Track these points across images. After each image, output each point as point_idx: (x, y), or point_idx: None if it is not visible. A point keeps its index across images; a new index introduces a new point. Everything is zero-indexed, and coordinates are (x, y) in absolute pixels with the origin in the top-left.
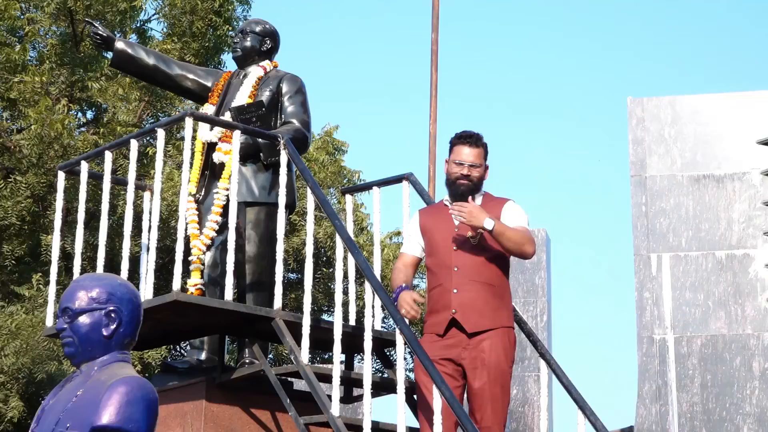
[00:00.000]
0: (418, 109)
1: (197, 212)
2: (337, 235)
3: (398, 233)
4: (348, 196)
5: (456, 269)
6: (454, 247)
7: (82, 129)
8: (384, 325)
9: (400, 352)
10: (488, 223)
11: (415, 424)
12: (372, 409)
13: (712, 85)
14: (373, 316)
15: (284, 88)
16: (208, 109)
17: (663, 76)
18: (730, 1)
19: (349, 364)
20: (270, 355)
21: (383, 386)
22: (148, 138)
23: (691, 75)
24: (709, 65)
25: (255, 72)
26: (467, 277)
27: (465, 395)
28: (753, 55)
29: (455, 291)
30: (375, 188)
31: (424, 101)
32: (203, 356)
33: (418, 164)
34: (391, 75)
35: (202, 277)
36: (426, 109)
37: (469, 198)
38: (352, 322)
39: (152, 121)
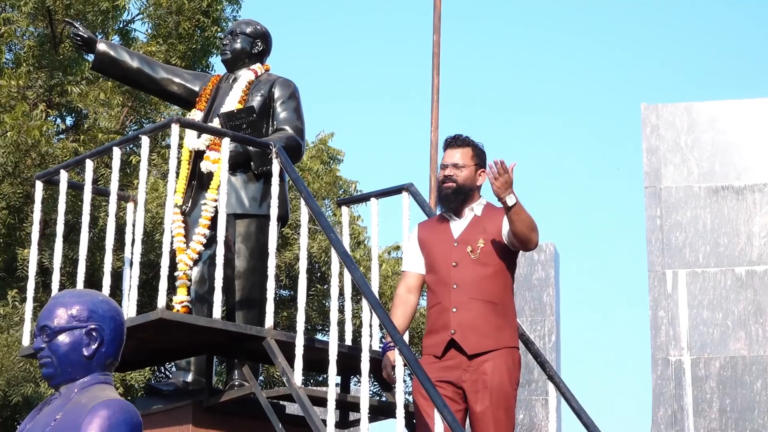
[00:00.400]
0: (418, 115)
1: (184, 225)
2: (332, 249)
3: (397, 247)
4: (344, 208)
5: (455, 287)
6: (453, 263)
7: (62, 136)
8: (382, 345)
9: (400, 373)
10: (510, 199)
11: None
12: None
13: (731, 90)
14: (371, 336)
15: (276, 92)
16: (196, 115)
17: (679, 81)
18: (748, 5)
19: (345, 386)
20: (261, 377)
21: (381, 410)
22: (131, 146)
23: (709, 80)
24: (728, 70)
25: (245, 76)
26: (467, 294)
27: (467, 420)
28: None
29: (454, 310)
30: (373, 200)
31: (425, 107)
32: (190, 378)
33: (419, 174)
34: (390, 79)
35: (188, 294)
36: (427, 115)
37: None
38: (348, 341)
39: (136, 127)
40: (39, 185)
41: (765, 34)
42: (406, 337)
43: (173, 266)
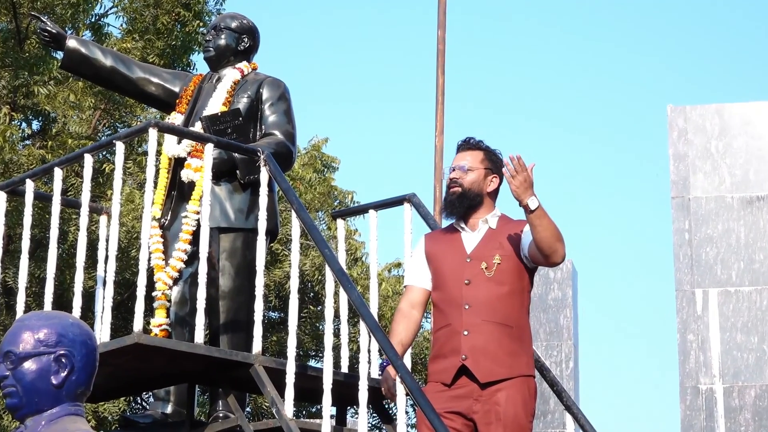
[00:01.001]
0: (421, 118)
1: (162, 240)
2: (326, 266)
3: (398, 265)
4: (339, 221)
5: (467, 307)
6: (466, 281)
7: (27, 142)
8: (382, 363)
9: (401, 404)
10: (532, 202)
11: None
12: None
13: (766, 91)
14: (369, 362)
15: (264, 93)
16: (176, 118)
17: (709, 80)
18: None
19: (340, 418)
20: (248, 408)
21: None
22: (104, 152)
23: (742, 79)
24: (763, 68)
25: (230, 75)
26: (480, 316)
27: None
28: None
29: (466, 333)
30: (371, 212)
31: (429, 109)
32: (169, 409)
33: (422, 184)
34: (390, 78)
35: (167, 316)
36: (431, 118)
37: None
38: (344, 369)
39: (109, 132)
40: (2, 196)
41: None
42: (407, 362)
43: (151, 286)
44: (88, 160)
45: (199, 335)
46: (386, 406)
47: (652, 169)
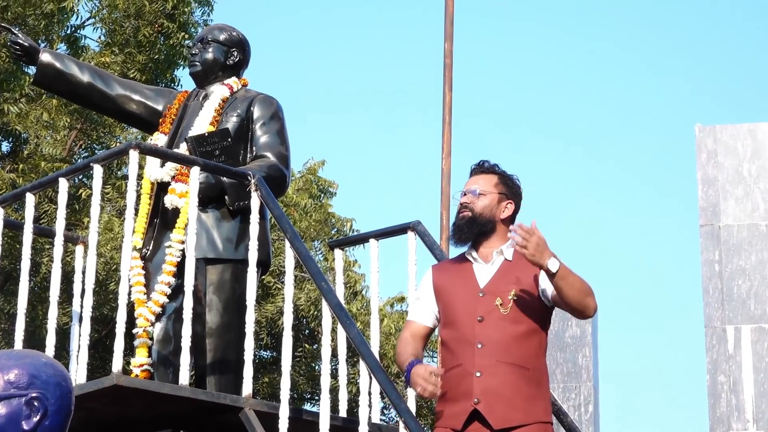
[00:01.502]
0: (427, 139)
1: (144, 272)
2: (323, 301)
3: (402, 299)
4: (337, 252)
5: (480, 346)
6: (479, 318)
7: None
8: (384, 417)
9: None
10: (553, 264)
11: None
12: None
13: None
14: (370, 406)
15: (256, 112)
16: (159, 139)
17: (739, 98)
18: None
19: None
20: None
21: None
22: (81, 176)
23: None
24: None
25: (218, 92)
26: (494, 356)
27: None
28: None
29: (478, 374)
30: (372, 241)
31: (435, 129)
32: None
33: (428, 210)
34: (393, 95)
35: (149, 356)
36: (437, 139)
37: (529, 226)
38: (342, 413)
39: (86, 154)
40: None
41: None
42: (411, 406)
43: (131, 322)
44: (63, 184)
45: (184, 376)
46: None
47: (679, 195)
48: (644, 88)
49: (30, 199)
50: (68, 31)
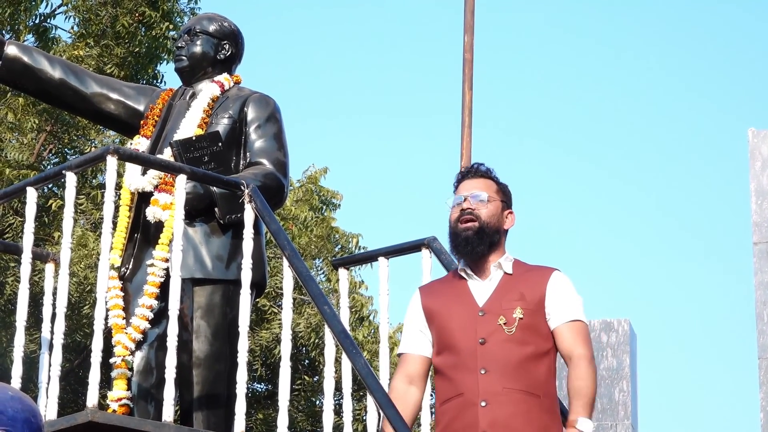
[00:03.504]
0: (443, 144)
1: (123, 294)
2: (325, 327)
3: None
4: (342, 271)
5: (484, 372)
6: (480, 340)
7: None
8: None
9: None
10: (586, 426)
11: None
12: None
13: None
14: None
15: (250, 113)
16: (141, 143)
17: None
18: None
19: None
20: None
21: None
22: (51, 185)
23: None
24: None
25: (208, 90)
26: (500, 383)
27: None
28: None
29: (484, 404)
30: (381, 259)
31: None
32: None
33: (444, 225)
34: (405, 94)
35: (129, 388)
36: (455, 144)
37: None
38: None
39: (57, 160)
40: None
41: None
42: None
43: (108, 350)
44: (31, 194)
45: (168, 412)
46: None
47: (729, 208)
48: (691, 89)
49: None
50: (37, 21)
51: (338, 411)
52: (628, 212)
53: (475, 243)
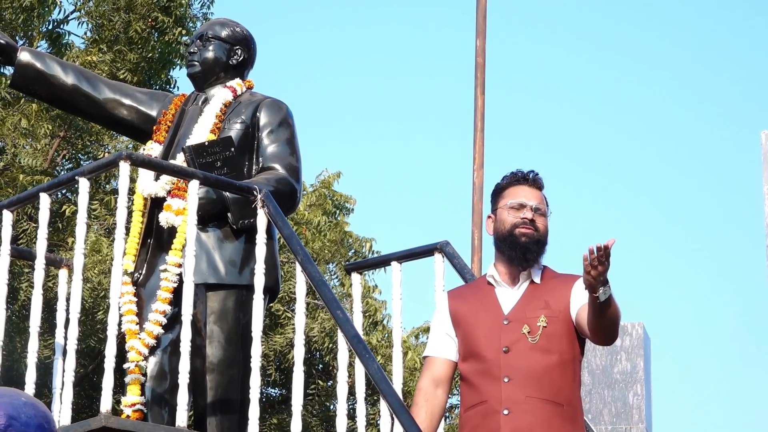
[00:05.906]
0: (456, 148)
1: (136, 299)
2: (338, 331)
3: (428, 329)
4: (355, 276)
5: (507, 380)
6: (504, 348)
7: None
8: None
9: None
10: (605, 292)
11: None
12: None
13: None
14: None
15: (262, 118)
16: (153, 149)
17: None
18: None
19: None
20: None
21: None
22: (65, 191)
23: None
24: None
25: (220, 96)
26: (524, 392)
27: None
28: None
29: (506, 412)
30: (394, 264)
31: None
32: None
33: (457, 229)
34: (417, 99)
35: (142, 394)
36: (468, 148)
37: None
38: None
39: (71, 166)
40: None
41: None
42: None
43: (121, 356)
44: (45, 200)
45: (182, 417)
46: None
47: (742, 211)
48: (704, 93)
49: (7, 217)
50: (50, 27)
51: (352, 415)
52: (641, 216)
53: (534, 252)
